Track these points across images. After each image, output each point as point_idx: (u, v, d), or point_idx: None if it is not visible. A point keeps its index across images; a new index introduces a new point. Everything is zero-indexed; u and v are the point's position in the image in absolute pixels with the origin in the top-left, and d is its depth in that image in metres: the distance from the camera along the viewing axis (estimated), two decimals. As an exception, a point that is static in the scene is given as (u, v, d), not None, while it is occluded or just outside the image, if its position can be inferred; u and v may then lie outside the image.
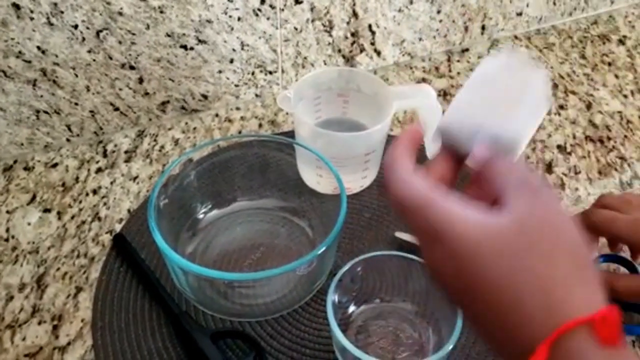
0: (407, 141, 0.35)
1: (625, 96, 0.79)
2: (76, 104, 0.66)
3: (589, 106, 0.78)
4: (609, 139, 0.73)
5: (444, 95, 0.78)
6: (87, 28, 0.61)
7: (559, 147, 0.72)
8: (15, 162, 0.68)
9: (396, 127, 0.73)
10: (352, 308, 0.53)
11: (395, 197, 0.33)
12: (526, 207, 0.30)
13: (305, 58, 0.75)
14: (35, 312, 0.54)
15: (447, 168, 0.35)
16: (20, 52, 0.60)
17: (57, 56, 0.62)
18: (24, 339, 0.52)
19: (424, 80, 0.81)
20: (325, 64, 0.78)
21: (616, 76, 0.83)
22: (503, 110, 0.32)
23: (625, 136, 0.73)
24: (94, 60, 0.64)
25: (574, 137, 0.73)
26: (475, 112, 0.33)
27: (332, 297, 0.48)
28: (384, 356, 0.50)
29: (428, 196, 0.31)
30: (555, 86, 0.80)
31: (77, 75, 0.64)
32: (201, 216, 0.60)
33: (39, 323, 0.54)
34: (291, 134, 0.66)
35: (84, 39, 0.62)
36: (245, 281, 0.51)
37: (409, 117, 0.75)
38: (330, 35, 0.75)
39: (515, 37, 0.89)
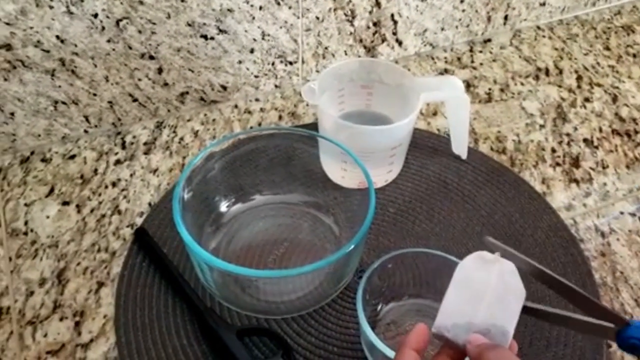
0: (415, 342, 0.38)
1: (652, 89, 0.78)
2: (94, 94, 0.65)
3: (614, 99, 0.76)
4: (636, 132, 0.71)
5: (467, 86, 0.76)
6: (107, 17, 0.60)
7: (585, 140, 0.70)
8: (32, 153, 0.66)
9: (419, 119, 0.72)
10: (380, 305, 0.52)
11: None
12: None
13: (326, 48, 0.74)
14: (56, 308, 0.53)
15: None
16: (38, 41, 0.59)
17: (76, 46, 0.61)
18: (45, 335, 0.52)
19: (446, 71, 0.79)
20: (345, 54, 0.76)
21: (642, 68, 0.81)
22: (487, 304, 0.38)
23: (653, 130, 0.72)
24: (114, 50, 0.63)
25: (601, 131, 0.71)
26: (464, 311, 0.38)
27: (361, 294, 0.47)
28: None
29: None
30: (579, 78, 0.79)
31: (96, 65, 0.63)
32: (224, 210, 0.59)
33: (61, 319, 0.53)
34: (312, 126, 0.64)
35: (103, 28, 0.61)
36: (270, 278, 0.50)
37: (432, 109, 0.73)
38: (352, 25, 0.73)
39: (538, 27, 0.87)
